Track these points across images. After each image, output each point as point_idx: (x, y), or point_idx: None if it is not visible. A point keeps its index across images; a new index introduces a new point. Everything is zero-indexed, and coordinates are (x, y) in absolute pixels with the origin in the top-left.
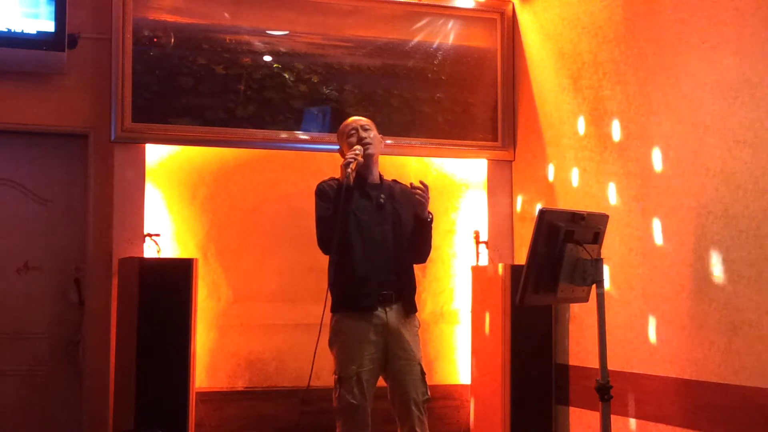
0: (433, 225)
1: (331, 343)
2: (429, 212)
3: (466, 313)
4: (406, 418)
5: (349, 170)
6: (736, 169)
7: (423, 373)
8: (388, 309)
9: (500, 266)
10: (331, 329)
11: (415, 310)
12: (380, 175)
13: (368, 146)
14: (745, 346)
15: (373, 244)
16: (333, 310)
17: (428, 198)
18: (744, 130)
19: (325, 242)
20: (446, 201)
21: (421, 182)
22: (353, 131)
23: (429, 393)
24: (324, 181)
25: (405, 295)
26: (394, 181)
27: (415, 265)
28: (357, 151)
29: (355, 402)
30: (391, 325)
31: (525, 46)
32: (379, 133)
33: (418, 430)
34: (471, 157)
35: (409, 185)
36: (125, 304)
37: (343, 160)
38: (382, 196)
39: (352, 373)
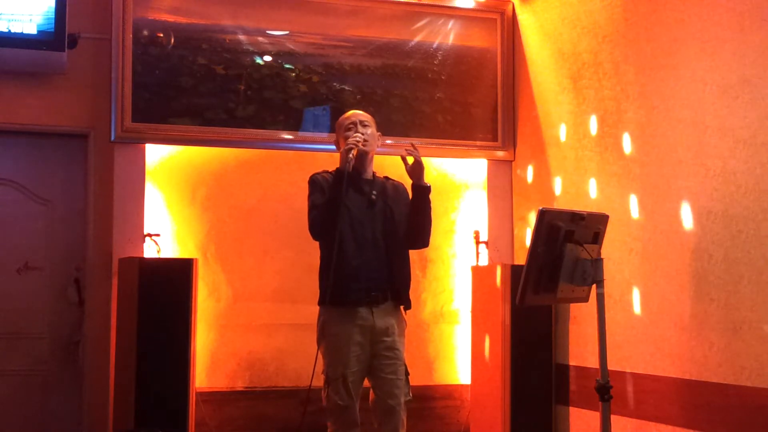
0: (433, 226)
1: (318, 341)
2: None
3: (466, 313)
4: (390, 418)
5: (350, 156)
6: (736, 169)
7: (407, 374)
8: (375, 309)
9: (500, 266)
10: (318, 327)
11: (409, 306)
12: (373, 173)
13: (366, 144)
14: (745, 346)
15: (363, 241)
16: (320, 302)
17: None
18: (744, 130)
19: (319, 225)
20: (446, 201)
21: (412, 143)
22: (352, 125)
23: (411, 394)
24: (317, 173)
25: (396, 293)
26: (386, 177)
27: (415, 266)
28: (358, 138)
29: (342, 403)
30: (378, 327)
31: (525, 46)
32: (380, 133)
33: (401, 430)
34: (471, 157)
35: (402, 159)
36: (125, 304)
37: (339, 153)
38: (374, 192)
39: (339, 375)
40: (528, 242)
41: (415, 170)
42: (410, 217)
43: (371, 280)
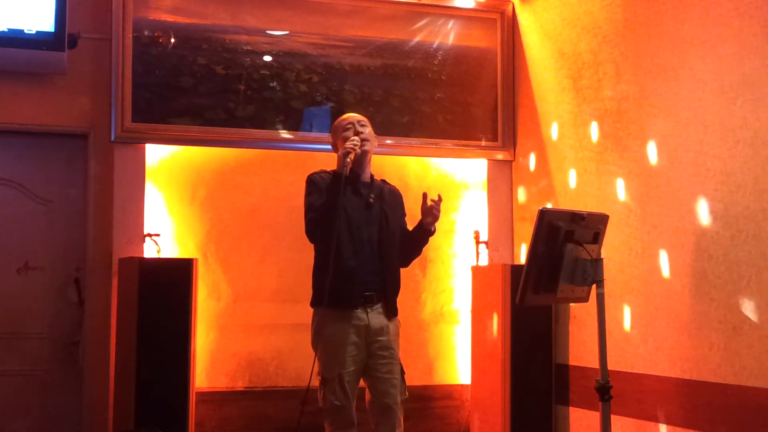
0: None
1: (313, 344)
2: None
3: (466, 313)
4: (387, 417)
5: (348, 160)
6: (736, 169)
7: (403, 373)
8: (369, 310)
9: (500, 266)
10: (313, 329)
11: (396, 314)
12: (371, 175)
13: (365, 143)
14: (745, 346)
15: (360, 243)
16: (313, 304)
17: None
18: (744, 130)
19: (316, 227)
20: (446, 201)
21: (439, 195)
22: (349, 126)
23: (407, 393)
24: (315, 173)
25: (388, 297)
26: (383, 181)
27: (415, 266)
28: (355, 142)
29: (338, 403)
30: (373, 326)
31: (525, 46)
32: (379, 133)
33: (398, 430)
34: (471, 157)
35: (422, 195)
36: (125, 304)
37: (336, 156)
38: (372, 195)
39: (335, 375)
40: (528, 242)
41: (431, 216)
42: (404, 242)
43: (367, 282)
